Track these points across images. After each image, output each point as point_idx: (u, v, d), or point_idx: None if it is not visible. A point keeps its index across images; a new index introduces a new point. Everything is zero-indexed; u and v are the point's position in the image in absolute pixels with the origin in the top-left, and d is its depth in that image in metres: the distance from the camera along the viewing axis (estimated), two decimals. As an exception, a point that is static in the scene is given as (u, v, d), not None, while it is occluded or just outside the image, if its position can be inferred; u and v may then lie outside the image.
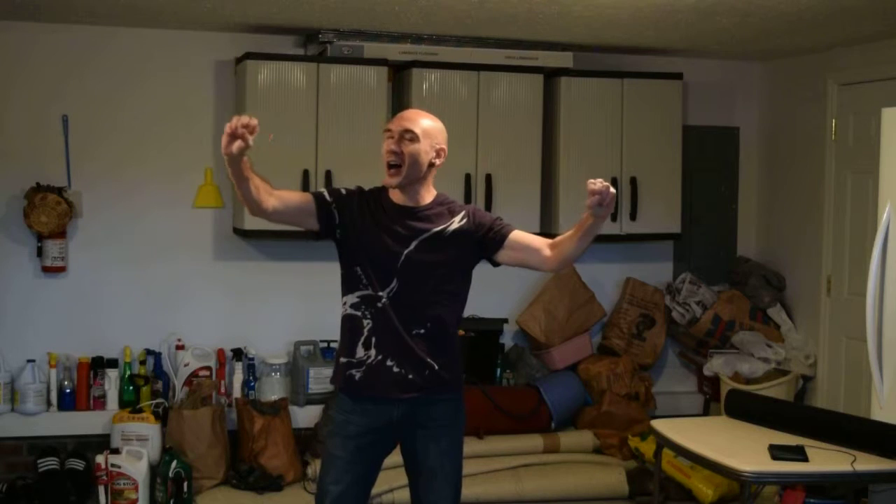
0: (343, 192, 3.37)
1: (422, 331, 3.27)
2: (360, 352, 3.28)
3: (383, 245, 3.27)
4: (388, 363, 3.26)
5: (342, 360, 3.33)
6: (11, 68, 5.21)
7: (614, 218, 5.61)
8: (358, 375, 3.29)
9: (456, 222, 3.34)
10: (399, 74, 5.48)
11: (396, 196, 3.33)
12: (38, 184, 5.15)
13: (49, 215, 5.07)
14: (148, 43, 5.35)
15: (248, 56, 5.14)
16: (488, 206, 5.42)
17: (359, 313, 3.29)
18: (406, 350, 3.26)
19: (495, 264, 3.46)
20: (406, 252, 3.26)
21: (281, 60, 5.18)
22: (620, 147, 5.64)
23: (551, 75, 5.60)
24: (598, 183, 3.09)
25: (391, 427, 3.32)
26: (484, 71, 5.42)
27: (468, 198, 5.40)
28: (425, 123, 3.33)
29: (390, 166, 3.28)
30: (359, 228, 3.30)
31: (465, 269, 3.39)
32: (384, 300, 3.25)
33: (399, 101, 5.49)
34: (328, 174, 5.18)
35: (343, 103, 5.20)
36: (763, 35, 5.23)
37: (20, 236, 5.21)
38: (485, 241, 3.36)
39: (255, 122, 3.04)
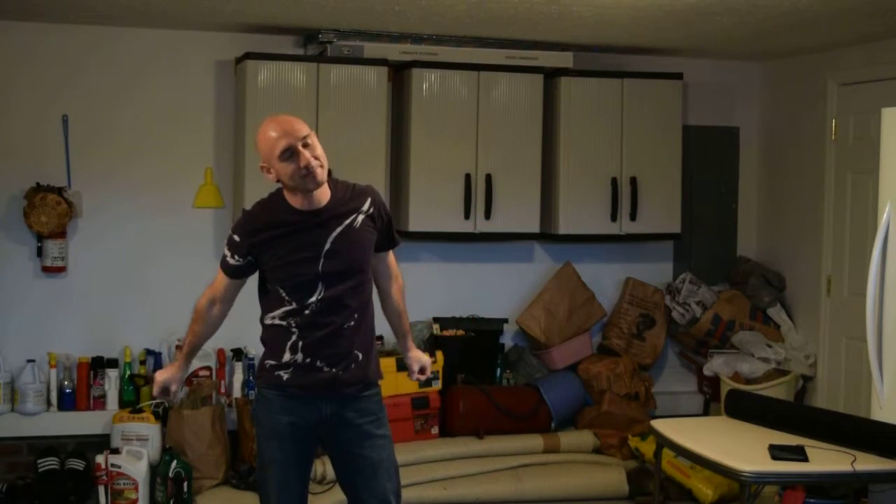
0: (237, 238, 3.28)
1: (352, 323, 3.27)
2: (287, 356, 3.27)
3: (300, 262, 3.22)
4: (318, 364, 3.25)
5: (268, 362, 3.31)
6: (12, 68, 5.22)
7: (614, 218, 5.62)
8: (286, 376, 3.28)
9: (363, 212, 3.30)
10: (399, 74, 5.48)
11: (300, 202, 3.24)
12: (38, 184, 5.15)
13: (49, 215, 5.07)
14: (148, 43, 5.35)
15: (248, 56, 5.15)
16: (488, 206, 5.42)
17: (284, 323, 3.27)
18: (334, 347, 3.25)
19: None
20: (323, 253, 3.22)
21: (281, 60, 5.18)
22: (620, 147, 5.64)
23: (551, 75, 5.60)
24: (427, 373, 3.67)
25: (320, 423, 3.30)
26: (484, 71, 5.42)
27: (468, 198, 5.40)
28: (303, 121, 3.25)
29: (308, 172, 3.16)
30: (273, 257, 3.25)
31: (372, 253, 3.36)
32: (313, 307, 3.23)
33: (399, 101, 5.49)
34: (328, 174, 5.17)
35: (343, 103, 5.20)
36: (763, 35, 5.23)
37: (20, 236, 5.21)
38: (379, 237, 3.37)
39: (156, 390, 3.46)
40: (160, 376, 3.45)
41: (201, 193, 5.44)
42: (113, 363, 5.28)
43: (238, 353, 5.41)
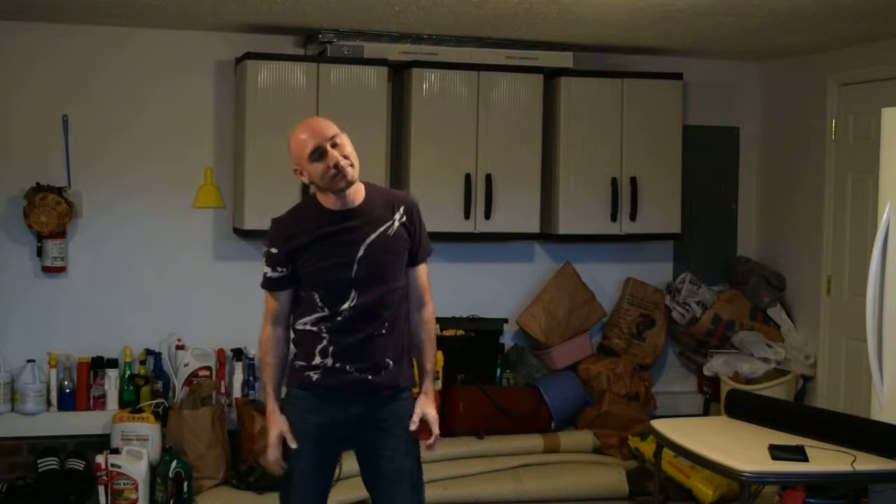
0: (274, 251, 3.28)
1: (383, 331, 3.26)
2: (318, 359, 3.27)
3: (334, 267, 3.22)
4: (348, 368, 3.26)
5: (298, 363, 3.32)
6: (12, 68, 5.21)
7: (614, 218, 5.62)
8: (315, 377, 3.28)
9: (397, 220, 3.29)
10: (399, 74, 5.48)
11: (333, 202, 3.25)
12: (38, 184, 5.15)
13: (49, 215, 5.07)
14: (148, 43, 5.35)
15: (248, 56, 5.15)
16: (488, 206, 5.42)
17: (315, 329, 3.28)
18: (365, 354, 3.25)
19: None
20: (357, 259, 3.22)
21: (281, 60, 5.18)
22: (620, 147, 5.65)
23: (551, 75, 5.60)
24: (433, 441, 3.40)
25: (349, 422, 3.29)
26: (484, 71, 5.43)
27: (468, 198, 5.40)
28: (332, 122, 3.27)
29: (338, 172, 3.17)
30: (307, 261, 3.25)
31: (405, 261, 3.35)
32: (346, 314, 3.23)
33: (399, 101, 5.49)
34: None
35: (343, 103, 5.20)
36: (763, 35, 5.23)
37: (20, 236, 5.21)
38: (410, 248, 3.34)
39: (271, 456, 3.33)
40: (272, 435, 3.30)
41: (201, 193, 5.44)
42: (113, 363, 5.28)
43: (238, 353, 5.41)
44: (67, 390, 5.20)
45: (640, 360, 5.85)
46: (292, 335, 3.37)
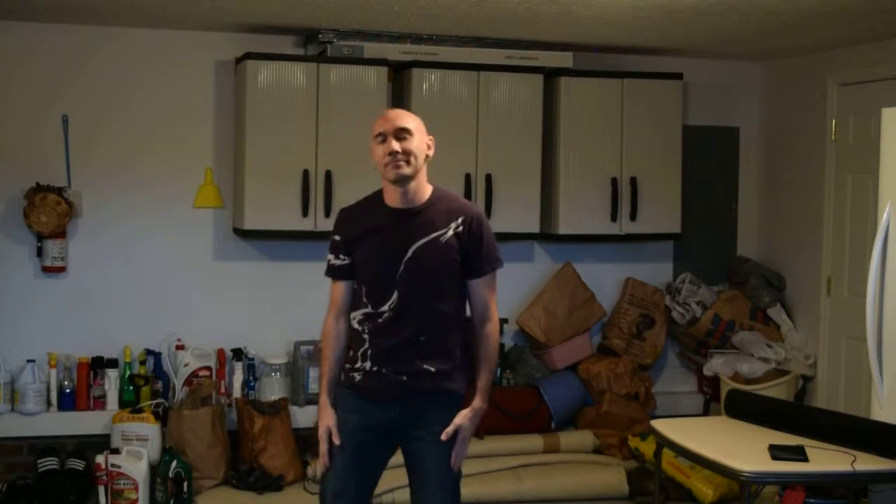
0: (337, 238, 3.38)
1: (422, 338, 3.28)
2: (360, 361, 3.33)
3: (382, 263, 3.27)
4: (384, 371, 3.29)
5: (347, 365, 3.40)
6: (11, 68, 5.21)
7: (614, 218, 5.62)
8: (358, 378, 3.34)
9: (451, 230, 3.30)
10: (399, 74, 5.48)
11: (393, 198, 3.31)
12: (38, 184, 5.15)
13: (49, 215, 5.07)
14: (148, 43, 5.35)
15: (248, 56, 5.14)
16: (488, 206, 5.42)
17: (360, 329, 3.33)
18: (401, 359, 3.27)
19: None
20: (404, 260, 3.25)
21: (281, 60, 5.18)
22: (620, 147, 5.64)
23: (551, 75, 5.60)
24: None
25: (391, 426, 3.33)
26: (484, 71, 5.43)
27: (468, 198, 5.38)
28: (413, 119, 3.33)
29: (391, 160, 3.24)
30: (361, 253, 3.33)
31: (455, 271, 3.34)
32: (387, 314, 3.27)
33: (399, 101, 5.49)
34: (328, 174, 5.18)
35: (343, 103, 5.20)
36: (763, 35, 5.23)
37: (20, 236, 5.21)
38: (466, 263, 3.33)
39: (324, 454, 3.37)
40: (321, 429, 3.36)
41: (201, 193, 5.44)
42: (113, 363, 5.27)
43: (238, 353, 5.41)
44: (67, 390, 5.20)
45: (640, 360, 5.85)
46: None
